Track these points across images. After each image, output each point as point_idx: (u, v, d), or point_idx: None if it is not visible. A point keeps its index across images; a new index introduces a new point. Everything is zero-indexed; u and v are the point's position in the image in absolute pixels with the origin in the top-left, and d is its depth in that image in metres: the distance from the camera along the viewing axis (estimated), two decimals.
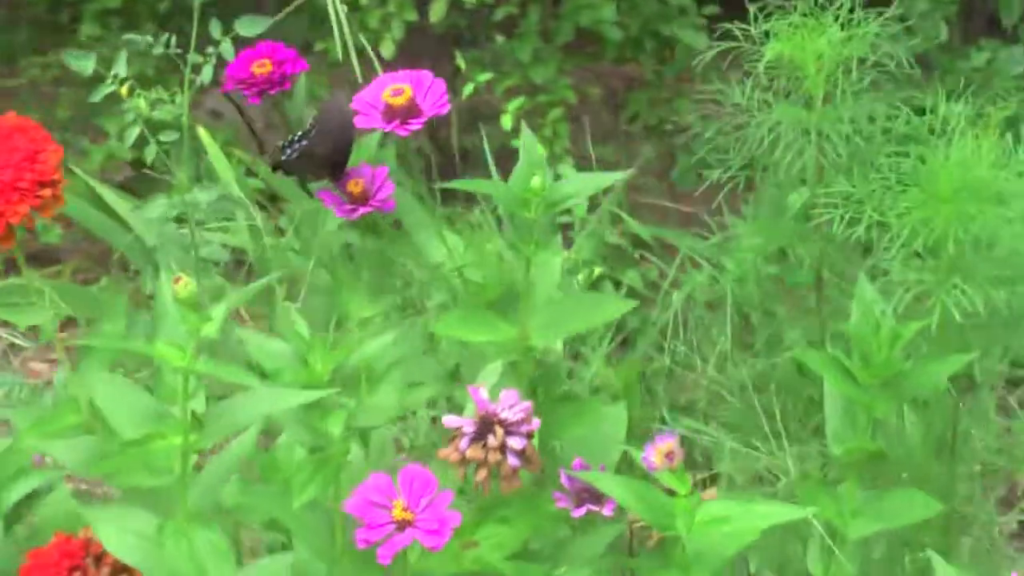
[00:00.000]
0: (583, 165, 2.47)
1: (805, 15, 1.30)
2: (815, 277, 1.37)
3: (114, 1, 2.30)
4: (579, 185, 1.19)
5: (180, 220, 1.54)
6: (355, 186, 1.24)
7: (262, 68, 1.59)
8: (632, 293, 2.19)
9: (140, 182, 2.03)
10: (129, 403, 0.97)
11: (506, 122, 2.42)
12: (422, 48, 2.68)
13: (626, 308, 1.21)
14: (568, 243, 1.92)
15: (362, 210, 1.23)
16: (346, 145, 1.25)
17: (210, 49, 1.47)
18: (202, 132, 1.56)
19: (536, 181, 1.16)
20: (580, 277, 1.49)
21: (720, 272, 1.70)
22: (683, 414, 1.56)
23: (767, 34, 1.28)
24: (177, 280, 0.91)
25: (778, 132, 1.29)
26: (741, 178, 1.34)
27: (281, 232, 1.69)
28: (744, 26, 1.32)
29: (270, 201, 1.73)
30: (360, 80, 1.66)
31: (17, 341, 2.13)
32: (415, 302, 1.44)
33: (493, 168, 2.19)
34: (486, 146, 1.99)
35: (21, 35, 2.37)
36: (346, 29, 1.61)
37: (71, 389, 1.10)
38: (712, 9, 2.61)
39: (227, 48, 1.45)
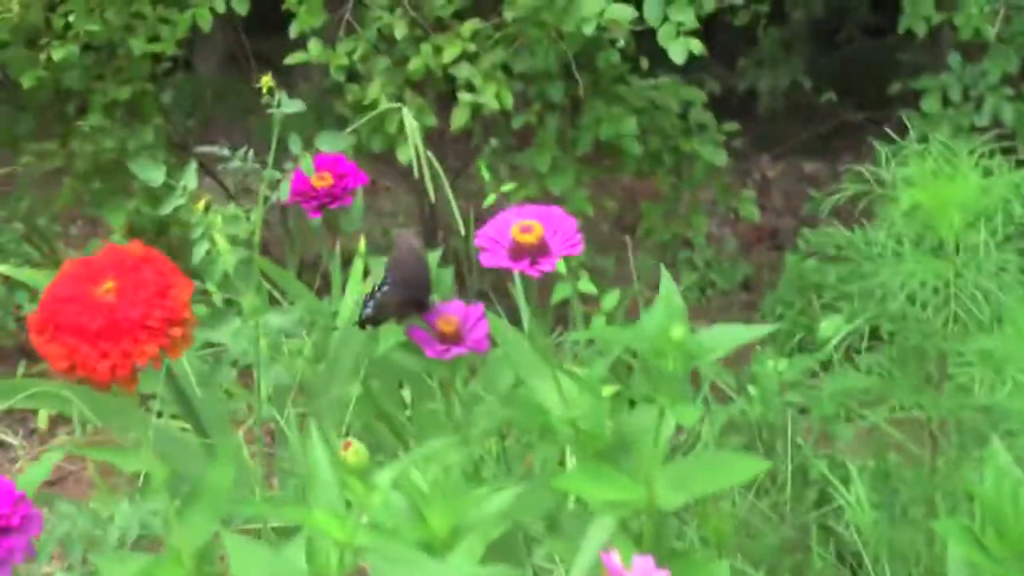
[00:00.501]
0: (597, 280, 2.44)
1: (942, 159, 1.26)
2: (930, 436, 1.33)
3: (123, 93, 2.25)
4: (722, 338, 1.13)
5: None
6: (447, 324, 1.20)
7: (323, 181, 1.55)
8: None
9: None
10: (271, 570, 0.89)
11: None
12: (440, 154, 2.65)
13: (760, 468, 1.16)
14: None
15: (455, 350, 1.20)
16: (423, 287, 1.22)
17: (288, 164, 1.42)
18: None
19: (678, 332, 1.11)
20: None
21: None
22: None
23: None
24: (347, 446, 0.84)
25: (912, 283, 1.25)
26: (864, 328, 1.30)
27: None
28: (875, 169, 1.29)
29: None
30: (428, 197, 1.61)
31: (5, 438, 2.02)
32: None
33: (519, 284, 2.15)
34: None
35: (25, 124, 2.29)
36: (419, 144, 1.56)
37: (174, 539, 1.01)
38: (731, 127, 2.60)
39: (308, 164, 1.39)
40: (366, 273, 2.14)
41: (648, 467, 1.16)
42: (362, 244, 2.27)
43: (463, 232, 1.85)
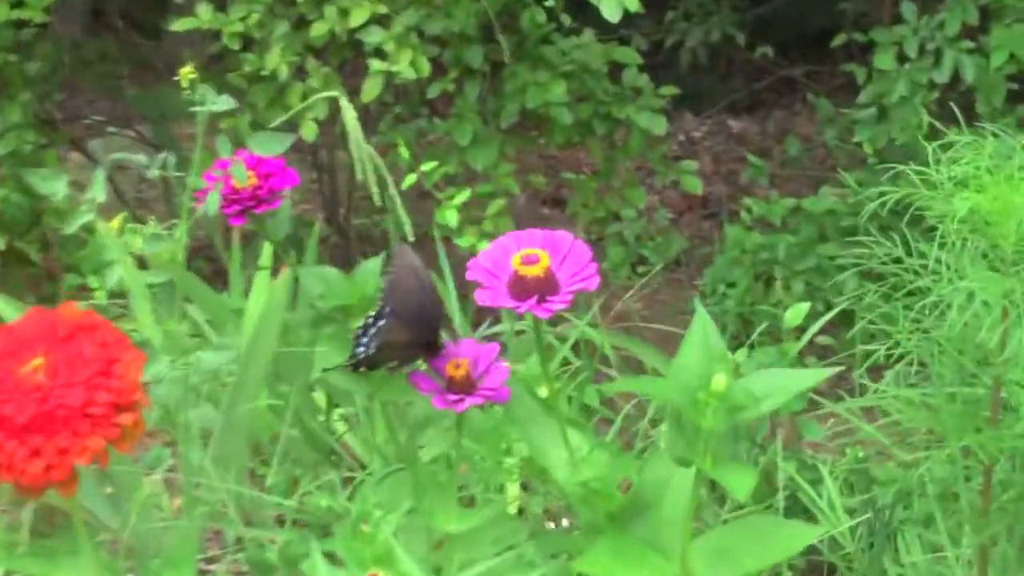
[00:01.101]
0: None
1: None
2: (985, 473, 1.20)
3: None
4: (773, 386, 0.99)
5: None
6: (456, 369, 1.07)
7: (246, 182, 1.38)
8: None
9: None
10: None
11: (449, 217, 2.22)
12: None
13: (814, 536, 1.02)
14: None
15: (469, 401, 1.06)
16: (432, 323, 1.09)
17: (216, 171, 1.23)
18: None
19: (719, 382, 0.96)
20: None
21: None
22: None
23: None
24: None
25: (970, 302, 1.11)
26: (913, 352, 1.16)
27: None
28: (922, 169, 1.15)
29: None
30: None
31: None
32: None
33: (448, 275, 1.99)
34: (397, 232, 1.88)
35: None
36: (363, 143, 1.38)
37: None
38: (670, 90, 2.46)
39: (240, 171, 1.21)
40: (275, 272, 1.98)
41: (679, 539, 1.02)
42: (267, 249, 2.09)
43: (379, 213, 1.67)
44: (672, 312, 2.65)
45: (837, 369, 1.01)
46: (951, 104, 1.54)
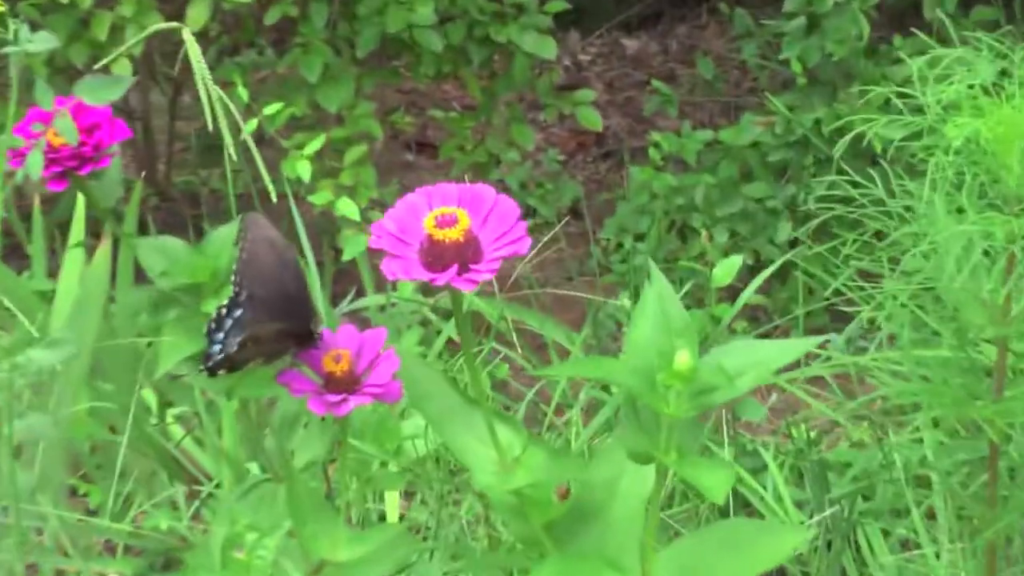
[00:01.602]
0: None
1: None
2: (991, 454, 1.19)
3: None
4: (745, 360, 0.97)
5: None
6: (336, 363, 1.06)
7: (64, 137, 1.33)
8: None
9: None
10: None
11: (300, 169, 2.17)
12: (169, 63, 2.42)
13: (797, 542, 1.01)
14: None
15: (355, 401, 1.05)
16: (304, 303, 1.07)
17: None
18: None
19: (683, 360, 0.94)
20: None
21: None
22: None
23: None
24: None
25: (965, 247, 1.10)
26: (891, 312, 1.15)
27: None
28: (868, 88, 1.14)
29: None
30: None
31: None
32: None
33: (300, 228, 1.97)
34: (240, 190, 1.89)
35: None
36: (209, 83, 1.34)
37: None
38: (558, 5, 2.43)
39: (67, 125, 1.16)
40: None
41: (636, 553, 1.00)
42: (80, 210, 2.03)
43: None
44: (570, 272, 2.64)
45: (822, 338, 1.00)
46: (894, 10, 1.54)
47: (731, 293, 2.12)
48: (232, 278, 1.10)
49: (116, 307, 2.22)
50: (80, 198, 2.09)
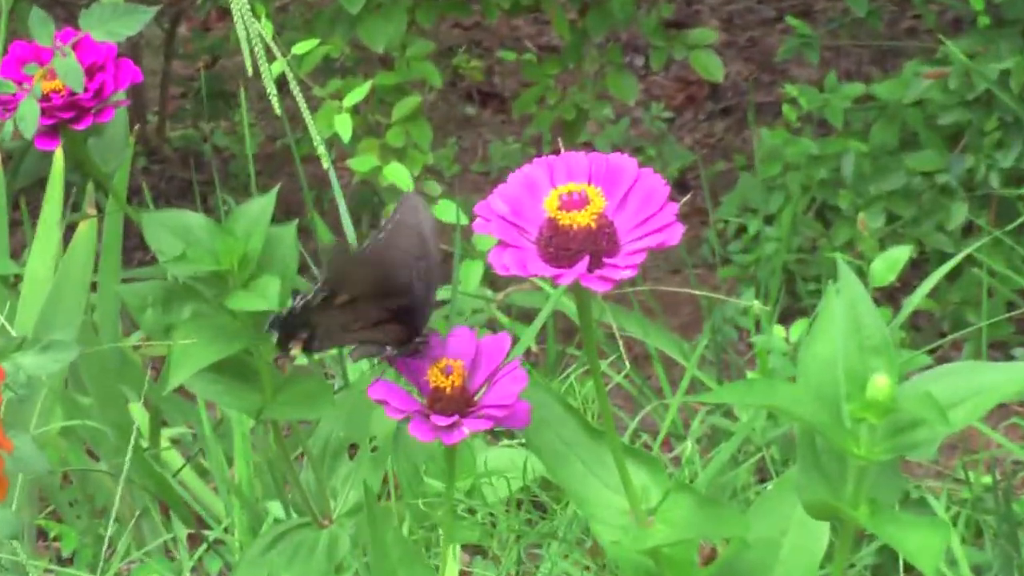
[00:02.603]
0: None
1: None
2: None
3: None
4: (966, 387, 0.97)
5: None
6: (444, 376, 1.06)
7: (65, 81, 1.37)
8: None
9: None
10: None
11: (339, 125, 2.19)
12: None
13: None
14: None
15: (468, 426, 1.05)
16: (424, 295, 1.12)
17: None
18: None
19: (881, 385, 0.95)
20: None
21: None
22: None
23: None
24: None
25: None
26: None
27: None
28: None
29: None
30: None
31: None
32: None
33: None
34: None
35: None
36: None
37: None
38: None
39: (71, 67, 1.18)
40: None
41: None
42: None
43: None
44: (678, 262, 2.64)
45: None
46: None
47: (884, 294, 2.12)
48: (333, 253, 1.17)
49: (98, 299, 2.23)
50: (57, 156, 2.09)
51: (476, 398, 1.06)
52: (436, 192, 2.32)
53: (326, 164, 1.51)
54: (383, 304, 1.10)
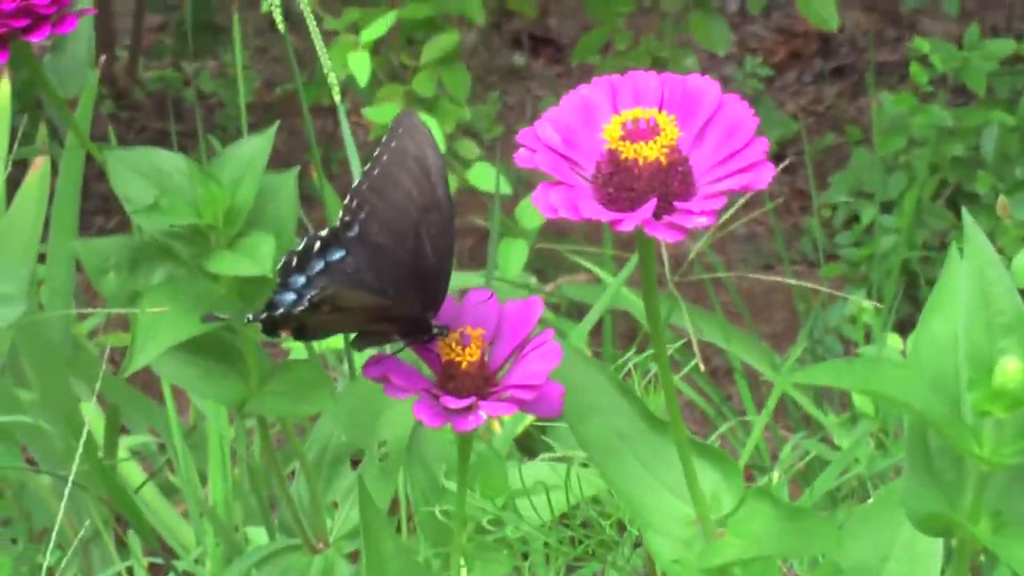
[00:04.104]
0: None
1: None
2: None
3: None
4: None
5: None
6: (459, 349, 1.09)
7: None
8: None
9: None
10: None
11: (354, 66, 2.21)
12: None
13: None
14: None
15: (486, 410, 1.07)
16: (435, 273, 1.13)
17: None
18: None
19: (1011, 370, 0.97)
20: None
21: None
22: None
23: None
24: None
25: None
26: None
27: None
28: None
29: None
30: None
31: None
32: None
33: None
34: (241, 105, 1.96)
35: None
36: None
37: None
38: None
39: None
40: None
41: None
42: None
43: None
44: (771, 255, 2.65)
45: None
46: None
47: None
48: (345, 200, 1.13)
49: (47, 267, 2.26)
50: (2, 85, 2.11)
51: (498, 376, 1.07)
52: (473, 154, 2.34)
53: (337, 97, 1.52)
54: (390, 278, 1.11)
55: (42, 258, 2.35)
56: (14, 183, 2.11)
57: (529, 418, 2.15)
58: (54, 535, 1.76)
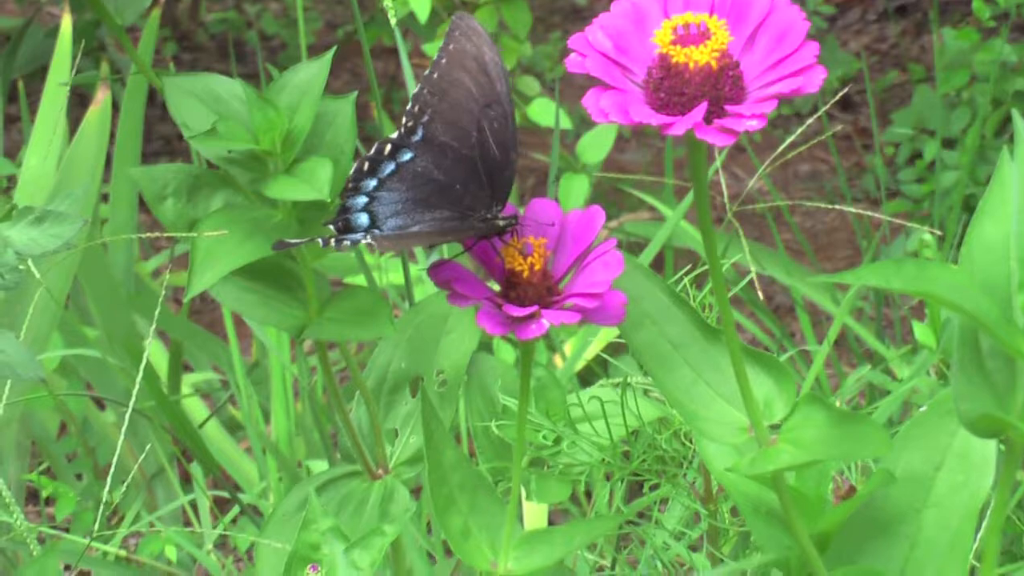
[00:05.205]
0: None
1: None
2: None
3: None
4: None
5: None
6: (520, 259, 1.09)
7: None
8: None
9: None
10: None
11: (417, 3, 2.21)
12: None
13: None
14: None
15: (549, 318, 1.07)
16: (501, 165, 1.14)
17: None
18: None
19: None
20: None
21: None
22: None
23: None
24: None
25: None
26: None
27: None
28: None
29: None
30: None
31: None
32: None
33: None
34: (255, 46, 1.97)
35: None
36: None
37: None
38: None
39: None
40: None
41: None
42: None
43: None
44: (834, 193, 2.64)
45: None
46: None
47: None
48: (408, 106, 1.13)
49: (111, 204, 2.26)
50: (64, 28, 2.11)
51: (560, 286, 1.08)
52: (534, 91, 2.34)
53: (394, 23, 1.52)
54: (453, 187, 1.13)
55: (105, 198, 2.35)
56: (75, 123, 2.11)
57: (591, 352, 2.15)
58: (113, 469, 1.76)
